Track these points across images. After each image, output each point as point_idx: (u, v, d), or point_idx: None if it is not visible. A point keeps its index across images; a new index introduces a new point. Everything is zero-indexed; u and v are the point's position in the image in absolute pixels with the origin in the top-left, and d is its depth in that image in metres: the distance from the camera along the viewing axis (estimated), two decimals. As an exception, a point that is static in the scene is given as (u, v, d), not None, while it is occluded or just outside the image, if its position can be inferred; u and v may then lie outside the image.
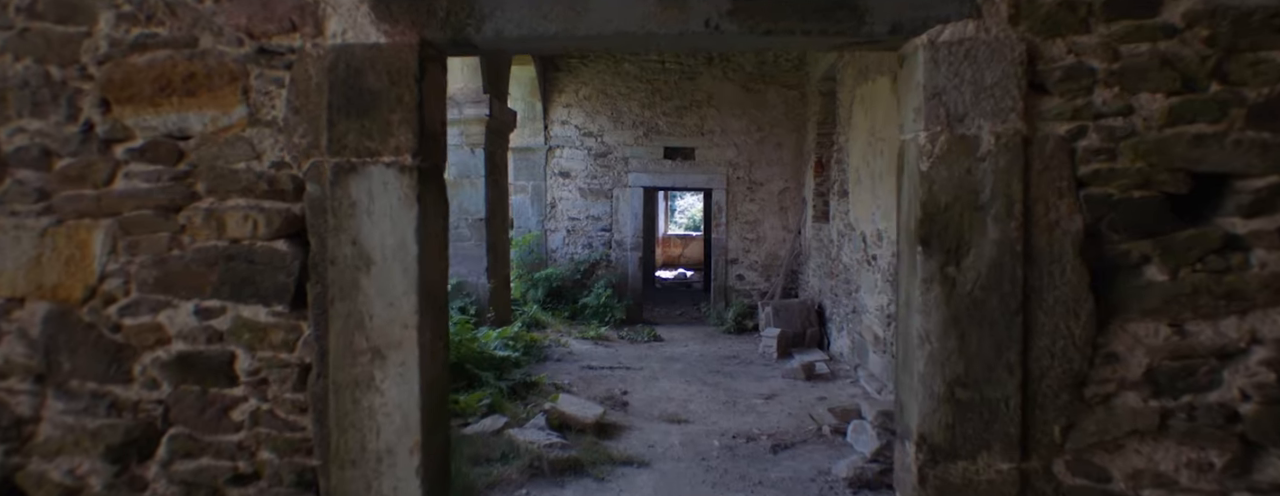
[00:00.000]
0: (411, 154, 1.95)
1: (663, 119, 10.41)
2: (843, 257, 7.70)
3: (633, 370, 7.37)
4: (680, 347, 8.77)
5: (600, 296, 9.79)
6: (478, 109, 7.25)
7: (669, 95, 10.39)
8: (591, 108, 10.43)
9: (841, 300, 7.77)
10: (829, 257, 8.41)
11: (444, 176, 2.37)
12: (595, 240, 10.53)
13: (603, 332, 8.99)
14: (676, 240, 20.29)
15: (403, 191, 1.87)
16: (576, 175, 10.48)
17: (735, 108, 10.38)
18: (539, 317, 9.18)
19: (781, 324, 8.55)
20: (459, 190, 7.42)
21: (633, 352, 8.32)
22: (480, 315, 7.16)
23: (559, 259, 10.54)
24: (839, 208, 7.93)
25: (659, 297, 13.17)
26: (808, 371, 7.05)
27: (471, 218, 7.42)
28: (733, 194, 10.45)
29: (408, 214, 1.86)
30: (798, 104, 10.35)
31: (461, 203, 7.43)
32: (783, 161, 10.41)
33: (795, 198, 10.41)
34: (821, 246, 8.89)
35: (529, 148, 10.46)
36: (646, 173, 10.43)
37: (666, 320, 10.85)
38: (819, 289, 8.96)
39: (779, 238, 10.48)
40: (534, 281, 9.99)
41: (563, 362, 7.51)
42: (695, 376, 7.21)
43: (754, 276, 10.54)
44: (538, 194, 10.53)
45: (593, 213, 10.51)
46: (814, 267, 9.31)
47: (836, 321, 8.03)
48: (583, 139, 10.46)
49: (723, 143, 10.40)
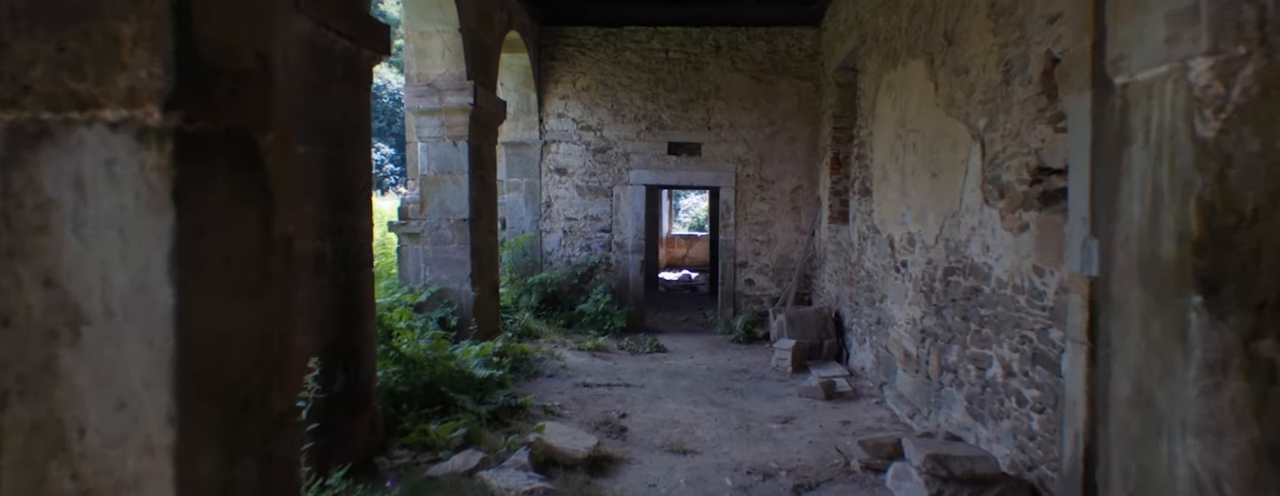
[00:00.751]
0: (162, 103, 0.98)
1: (667, 112, 9.68)
2: (865, 263, 6.97)
3: (633, 387, 6.64)
4: (686, 360, 8.04)
5: (599, 303, 9.06)
6: (460, 97, 6.54)
7: (673, 86, 9.66)
8: (590, 100, 9.71)
9: (863, 309, 7.04)
10: (848, 262, 7.67)
11: (295, 150, 1.46)
12: (594, 242, 9.81)
13: (601, 343, 8.27)
14: (680, 240, 19.58)
15: (144, 180, 0.95)
16: (574, 172, 9.76)
17: (745, 100, 9.65)
18: (531, 326, 8.46)
19: (796, 334, 7.81)
20: (440, 187, 6.71)
21: (633, 366, 7.59)
22: (462, 327, 6.44)
23: (555, 262, 9.82)
24: (860, 208, 7.20)
25: (662, 302, 12.44)
26: (827, 390, 6.32)
27: (454, 218, 6.71)
28: (742, 192, 9.72)
29: (155, 225, 0.95)
30: (812, 96, 9.61)
31: (443, 201, 6.71)
32: (795, 158, 9.67)
33: (809, 197, 9.68)
34: (839, 249, 8.15)
35: (522, 142, 9.74)
36: (649, 169, 9.70)
37: (670, 327, 10.12)
38: (836, 296, 8.23)
39: (791, 239, 9.75)
40: (527, 287, 9.27)
41: (555, 379, 6.78)
42: (702, 394, 6.49)
43: (764, 281, 9.81)
44: (532, 192, 9.81)
45: (591, 212, 9.78)
46: (830, 272, 8.58)
47: (857, 332, 7.30)
48: (581, 133, 9.73)
49: (731, 137, 9.67)
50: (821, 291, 9.06)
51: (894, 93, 6.02)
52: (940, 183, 4.91)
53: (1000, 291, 3.98)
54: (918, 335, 5.38)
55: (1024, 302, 3.70)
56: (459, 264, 6.71)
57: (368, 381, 4.45)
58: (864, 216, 7.05)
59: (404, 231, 6.85)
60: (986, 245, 4.16)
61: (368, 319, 4.43)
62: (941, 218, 4.87)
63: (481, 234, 6.98)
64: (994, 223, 4.05)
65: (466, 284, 6.70)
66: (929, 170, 5.13)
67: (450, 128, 6.66)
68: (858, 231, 7.29)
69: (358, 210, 4.29)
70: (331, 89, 4.00)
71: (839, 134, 8.65)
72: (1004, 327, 3.94)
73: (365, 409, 4.39)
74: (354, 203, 4.26)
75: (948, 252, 4.78)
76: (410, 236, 6.84)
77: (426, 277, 6.75)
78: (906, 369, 5.66)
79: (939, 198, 4.91)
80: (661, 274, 16.11)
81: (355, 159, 4.24)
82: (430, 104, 6.60)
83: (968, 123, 4.43)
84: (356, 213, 4.28)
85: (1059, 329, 3.34)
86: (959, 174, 4.57)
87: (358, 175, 4.30)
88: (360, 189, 4.34)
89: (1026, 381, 3.69)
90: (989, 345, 4.15)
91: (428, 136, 6.70)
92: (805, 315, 8.00)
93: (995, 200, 4.05)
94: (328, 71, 3.93)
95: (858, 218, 7.31)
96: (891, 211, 6.08)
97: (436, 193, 6.72)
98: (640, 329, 9.65)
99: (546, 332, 8.55)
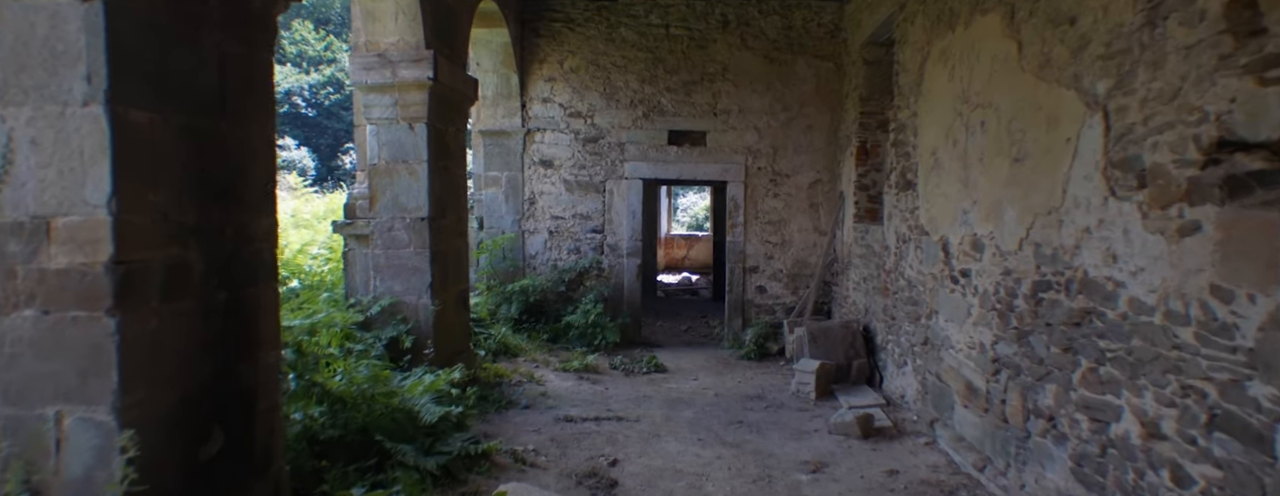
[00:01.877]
0: None
1: (667, 96, 8.52)
2: (905, 270, 5.82)
3: (626, 421, 5.48)
4: (689, 382, 6.88)
5: (588, 314, 7.90)
6: (417, 69, 5.37)
7: (675, 67, 8.50)
8: (580, 82, 8.54)
9: (902, 325, 5.89)
10: (881, 268, 6.52)
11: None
12: (584, 243, 8.64)
13: (590, 362, 7.10)
14: (680, 240, 18.44)
15: None
16: (561, 164, 8.60)
17: (756, 83, 8.49)
18: (509, 342, 7.30)
19: (819, 352, 6.65)
20: (393, 179, 5.54)
21: (628, 391, 6.43)
22: (418, 350, 5.28)
23: (539, 266, 8.65)
24: (899, 204, 6.04)
25: (661, 309, 11.29)
26: (864, 426, 5.17)
27: (410, 216, 5.54)
28: (752, 188, 8.56)
29: None
30: (833, 78, 8.45)
31: (396, 196, 5.55)
32: (814, 148, 8.51)
33: (829, 192, 8.52)
34: (868, 253, 7.00)
35: (502, 131, 8.57)
36: (647, 162, 8.54)
37: (670, 340, 8.96)
38: (864, 307, 7.07)
39: (809, 241, 8.59)
40: (507, 295, 8.11)
41: (532, 412, 5.62)
42: (711, 430, 5.33)
43: (778, 288, 8.65)
44: (513, 187, 8.64)
45: (581, 210, 8.62)
46: (856, 280, 7.42)
47: (893, 352, 6.15)
48: (569, 120, 8.57)
49: (740, 125, 8.51)
50: (845, 301, 7.91)
51: (950, 62, 4.86)
52: (1026, 170, 3.76)
53: (1139, 319, 2.83)
54: (987, 364, 4.22)
55: (1190, 338, 2.55)
56: (415, 272, 5.55)
57: (268, 435, 3.29)
58: (904, 215, 5.89)
59: (351, 232, 5.68)
60: (1113, 253, 3.00)
61: (266, 349, 3.27)
62: (1029, 216, 3.71)
63: (445, 235, 5.82)
64: (1127, 222, 2.90)
65: (425, 295, 5.54)
66: (1007, 154, 3.97)
67: (405, 107, 5.50)
68: (895, 232, 6.14)
69: (249, 204, 3.12)
70: (199, 36, 2.83)
71: (866, 120, 7.50)
72: (1146, 369, 2.79)
73: (263, 473, 3.23)
74: (243, 194, 3.09)
75: (1039, 262, 3.62)
76: (358, 238, 5.68)
77: (376, 288, 5.59)
78: (969, 405, 4.50)
79: (1026, 189, 3.76)
80: (660, 276, 14.96)
81: (243, 135, 3.07)
82: (381, 78, 5.43)
83: (1077, 87, 3.28)
84: (247, 208, 3.12)
85: (1272, 384, 2.19)
86: (1061, 157, 3.41)
87: (251, 158, 3.13)
88: (256, 176, 3.18)
89: (1192, 452, 2.54)
90: (1115, 390, 2.99)
91: (378, 118, 5.54)
92: (830, 330, 6.84)
93: (1129, 191, 2.89)
94: (188, 10, 2.77)
95: (895, 216, 6.16)
96: (945, 209, 4.93)
97: (388, 186, 5.55)
98: (636, 342, 8.49)
99: (527, 349, 7.38)
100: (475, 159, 8.85)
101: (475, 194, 8.85)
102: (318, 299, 5.27)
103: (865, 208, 7.55)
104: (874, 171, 7.52)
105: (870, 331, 6.82)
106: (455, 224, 6.11)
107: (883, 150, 7.48)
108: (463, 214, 6.32)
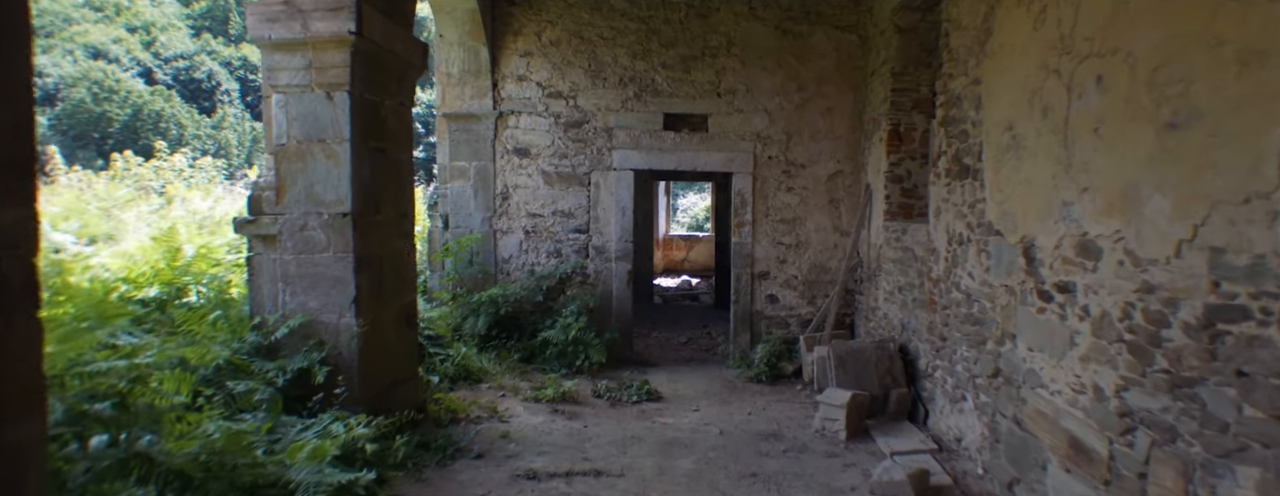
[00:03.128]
0: None
1: (663, 74, 7.28)
2: (962, 280, 4.58)
3: (607, 477, 4.24)
4: (688, 414, 5.64)
5: (570, 328, 6.65)
6: (334, 22, 4.13)
7: (672, 40, 7.26)
8: (561, 57, 7.30)
9: (957, 349, 4.65)
10: (926, 276, 5.29)
11: None
12: (565, 245, 7.40)
13: (568, 389, 5.85)
14: (679, 241, 17.21)
15: None
16: (539, 153, 7.36)
17: (767, 58, 7.25)
18: (473, 365, 6.06)
19: (849, 379, 5.42)
20: (306, 163, 4.30)
21: (612, 429, 5.19)
22: (327, 389, 4.03)
23: (513, 272, 7.41)
24: (952, 197, 4.80)
25: (657, 317, 10.05)
26: (919, 486, 3.93)
27: (327, 211, 4.30)
28: (762, 180, 7.32)
29: None
30: (856, 52, 7.21)
31: (310, 185, 4.31)
32: (834, 134, 7.28)
33: (852, 186, 7.28)
34: (907, 258, 5.76)
35: (470, 114, 7.33)
36: (639, 150, 7.30)
37: (667, 356, 7.73)
38: (901, 322, 5.83)
39: (828, 243, 7.35)
40: (474, 307, 6.86)
41: (485, 464, 4.36)
42: (716, 489, 4.10)
43: (792, 297, 7.41)
44: (484, 180, 7.39)
45: (562, 206, 7.38)
46: (888, 289, 6.19)
47: (945, 383, 4.91)
48: (548, 102, 7.33)
49: (748, 107, 7.27)
50: (872, 314, 6.66)
51: (1038, 2, 3.62)
52: (1194, 139, 2.52)
53: None
54: (1110, 418, 2.98)
55: None
56: (335, 283, 4.30)
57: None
58: (959, 210, 4.65)
59: (255, 232, 4.43)
60: None
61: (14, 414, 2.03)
62: (1201, 206, 2.48)
63: (379, 235, 4.58)
64: None
65: (347, 313, 4.29)
66: (1151, 119, 2.73)
67: (321, 71, 4.26)
68: (946, 232, 4.90)
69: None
70: None
71: (900, 98, 6.26)
72: None
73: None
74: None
75: (1220, 276, 2.39)
76: (264, 240, 4.43)
77: (287, 304, 4.35)
78: (1075, 469, 3.26)
79: (1194, 167, 2.52)
80: (658, 280, 13.72)
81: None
82: (288, 32, 4.20)
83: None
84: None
85: None
86: (1272, 114, 2.18)
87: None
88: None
89: None
90: None
91: (287, 85, 4.30)
92: (861, 352, 5.59)
93: None
94: None
95: (946, 212, 4.91)
96: (1029, 200, 3.69)
97: (301, 172, 4.31)
98: (626, 361, 7.25)
99: (494, 373, 6.14)
100: (439, 148, 7.61)
101: (440, 188, 7.62)
102: (205, 320, 4.02)
103: (898, 202, 6.31)
104: (909, 159, 6.28)
105: (909, 353, 5.58)
106: (396, 221, 4.87)
107: (919, 134, 6.26)
108: (407, 209, 5.08)
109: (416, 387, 5.10)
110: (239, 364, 3.88)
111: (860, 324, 7.08)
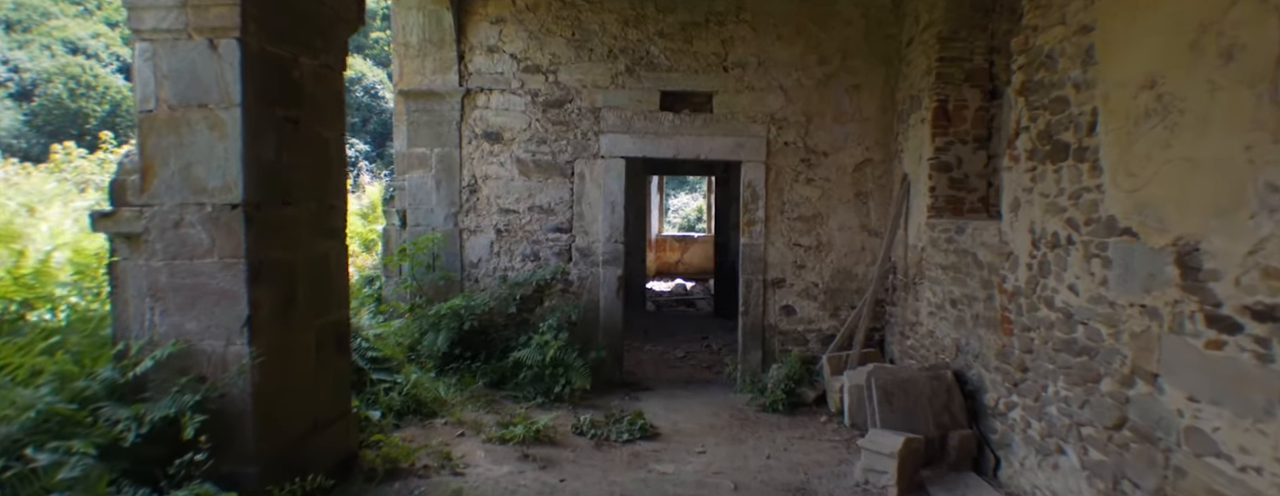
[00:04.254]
0: None
1: (659, 44, 6.16)
2: (1058, 293, 3.48)
3: (589, 563, 3.11)
4: (692, 457, 4.52)
5: (547, 347, 5.52)
6: (214, -63, 2.99)
7: (670, 4, 6.15)
8: (539, 24, 6.17)
9: (1048, 385, 3.55)
10: (990, 287, 4.19)
11: None
12: (544, 247, 6.27)
13: (544, 425, 4.71)
14: (673, 242, 16.10)
15: None
16: (514, 138, 6.22)
17: (783, 26, 6.15)
18: (426, 395, 4.92)
19: (897, 417, 4.32)
20: (182, 137, 3.16)
21: (596, 484, 4.05)
22: (209, 445, 2.89)
23: (482, 278, 6.27)
24: (1041, 185, 3.70)
25: (651, 326, 8.95)
26: (1019, 584, 2.82)
27: (211, 201, 3.16)
28: (777, 170, 6.21)
29: None
30: (887, 20, 6.12)
31: (187, 165, 3.17)
32: (861, 115, 6.18)
33: (883, 177, 6.19)
34: (964, 264, 4.66)
35: (432, 91, 6.19)
36: (631, 134, 6.17)
37: (663, 375, 6.62)
38: (956, 343, 4.74)
39: (854, 244, 6.25)
40: (433, 321, 5.72)
41: (424, 545, 3.23)
42: (738, 584, 2.98)
43: (811, 309, 6.30)
44: (448, 169, 6.25)
45: (541, 201, 6.25)
46: (934, 301, 5.09)
47: (1024, 426, 3.81)
48: (524, 77, 6.20)
49: (760, 84, 6.16)
50: (910, 330, 5.57)
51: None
52: None
53: None
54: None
55: None
56: (222, 298, 3.16)
57: None
58: (1056, 202, 3.56)
59: (115, 229, 3.28)
60: None
61: None
62: None
63: (289, 235, 3.45)
64: None
65: (238, 340, 3.15)
66: None
67: (200, 9, 3.12)
68: (1032, 230, 3.80)
69: None
70: None
71: (948, 69, 5.18)
72: None
73: None
74: None
75: None
76: (128, 240, 3.28)
77: (156, 326, 3.20)
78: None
79: None
80: (650, 284, 12.61)
81: None
82: (152, -45, 3.06)
83: None
84: None
85: None
86: None
87: None
88: None
89: None
90: None
91: (153, 28, 3.16)
92: (910, 384, 4.48)
93: None
94: None
95: (1031, 204, 3.81)
96: (1193, 185, 2.60)
97: (174, 148, 3.17)
98: (616, 383, 6.14)
99: (453, 404, 5.01)
100: (397, 132, 6.46)
101: (396, 179, 6.47)
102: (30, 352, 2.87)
103: (945, 195, 5.23)
104: (959, 143, 5.20)
105: (968, 383, 4.48)
106: (317, 216, 3.73)
107: (972, 112, 5.18)
108: (336, 201, 3.94)
109: (347, 430, 3.96)
110: (68, 415, 2.74)
111: (892, 341, 5.99)
